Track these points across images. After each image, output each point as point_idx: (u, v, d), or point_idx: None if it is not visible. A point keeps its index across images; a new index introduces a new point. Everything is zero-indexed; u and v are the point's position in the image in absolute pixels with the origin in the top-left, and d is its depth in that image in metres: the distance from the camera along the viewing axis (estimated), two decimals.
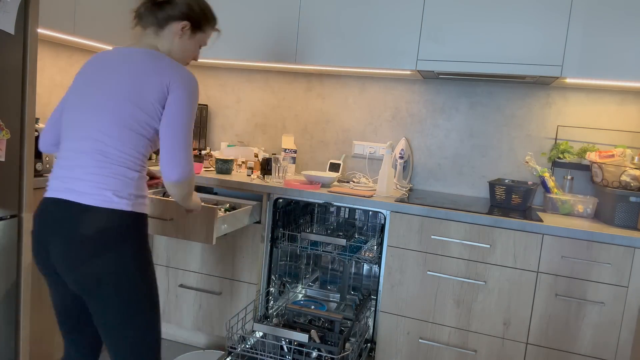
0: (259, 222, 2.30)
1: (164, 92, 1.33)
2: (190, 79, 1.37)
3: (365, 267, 2.69)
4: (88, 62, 1.42)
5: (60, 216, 1.28)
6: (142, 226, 1.34)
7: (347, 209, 2.71)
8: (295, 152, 2.75)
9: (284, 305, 2.49)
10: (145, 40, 1.46)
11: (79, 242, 1.25)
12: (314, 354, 1.98)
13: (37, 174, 1.87)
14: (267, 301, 2.43)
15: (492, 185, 2.27)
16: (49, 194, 1.33)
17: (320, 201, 2.20)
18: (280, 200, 2.31)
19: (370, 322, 2.30)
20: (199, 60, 2.70)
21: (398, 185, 2.56)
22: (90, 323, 1.45)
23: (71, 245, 1.26)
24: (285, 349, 2.06)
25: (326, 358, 1.95)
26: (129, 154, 1.31)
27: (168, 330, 2.59)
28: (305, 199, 2.22)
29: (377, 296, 2.18)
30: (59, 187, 1.31)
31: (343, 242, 2.17)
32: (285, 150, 2.75)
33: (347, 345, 2.06)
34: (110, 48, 2.58)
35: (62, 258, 1.28)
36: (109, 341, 1.33)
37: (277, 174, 2.36)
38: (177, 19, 1.45)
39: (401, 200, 2.16)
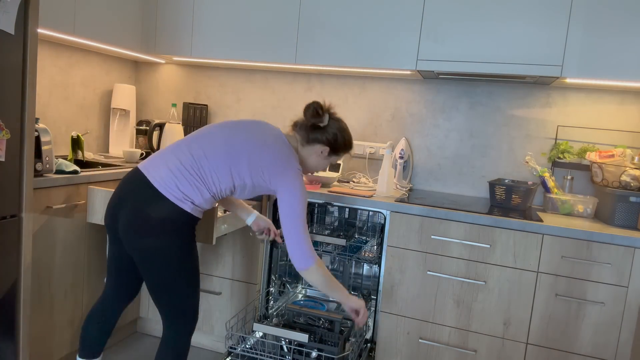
0: None
1: (270, 181, 1.63)
2: (296, 181, 1.63)
3: (365, 267, 2.69)
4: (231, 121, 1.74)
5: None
6: (193, 224, 1.63)
7: (347, 209, 2.71)
8: None
9: (284, 305, 2.49)
10: (292, 142, 1.75)
11: (144, 218, 1.53)
12: (314, 354, 1.98)
13: (37, 174, 1.87)
14: (267, 301, 2.43)
15: (492, 185, 2.27)
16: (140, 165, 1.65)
17: (320, 201, 2.20)
18: None
19: (370, 322, 2.30)
20: (197, 60, 2.70)
21: (398, 185, 2.56)
22: (133, 274, 1.78)
23: (137, 218, 1.54)
24: (285, 349, 2.06)
25: (326, 358, 1.95)
26: (215, 182, 1.60)
27: None
28: None
29: (377, 296, 2.18)
30: (148, 165, 1.62)
31: (343, 242, 2.17)
32: None
33: (347, 345, 2.06)
34: (107, 47, 2.58)
35: (126, 225, 1.56)
36: (153, 298, 1.64)
37: None
38: (322, 142, 1.74)
39: (401, 200, 2.16)
